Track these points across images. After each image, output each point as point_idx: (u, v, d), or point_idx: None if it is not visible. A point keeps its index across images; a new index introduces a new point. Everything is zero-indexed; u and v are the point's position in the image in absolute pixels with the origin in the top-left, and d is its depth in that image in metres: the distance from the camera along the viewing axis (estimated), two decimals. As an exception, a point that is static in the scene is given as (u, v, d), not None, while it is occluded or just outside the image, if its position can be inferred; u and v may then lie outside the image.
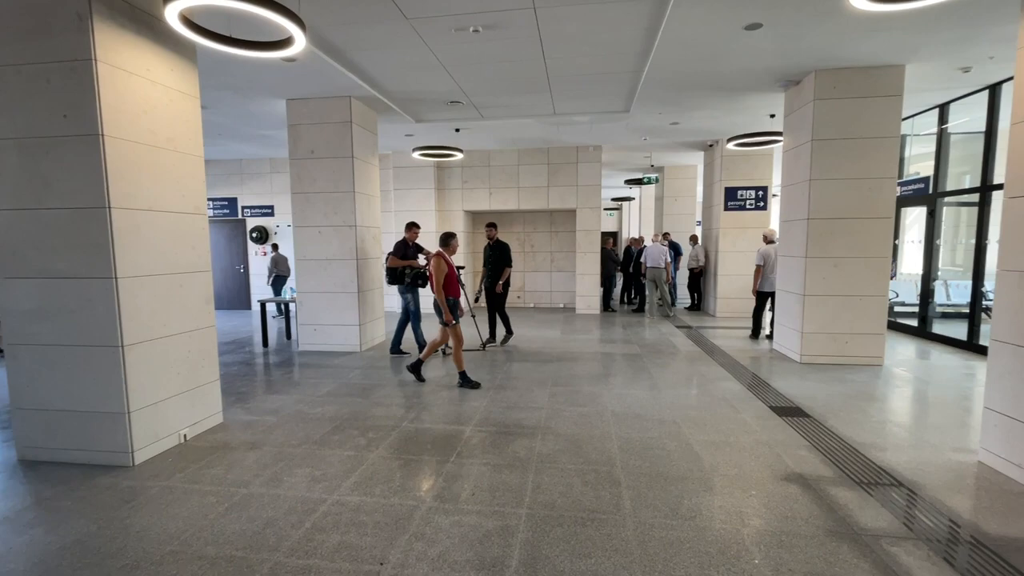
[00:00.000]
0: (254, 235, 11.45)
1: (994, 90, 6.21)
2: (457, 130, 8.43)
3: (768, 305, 7.54)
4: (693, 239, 11.06)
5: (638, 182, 13.24)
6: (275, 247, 11.03)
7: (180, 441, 3.77)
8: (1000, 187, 5.49)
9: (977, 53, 5.15)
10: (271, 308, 10.33)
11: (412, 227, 6.58)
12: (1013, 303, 3.17)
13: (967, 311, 6.91)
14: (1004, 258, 3.24)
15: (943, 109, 7.11)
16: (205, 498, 2.96)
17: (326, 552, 2.44)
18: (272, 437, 3.90)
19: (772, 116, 7.44)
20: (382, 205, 10.41)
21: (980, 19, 4.33)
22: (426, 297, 6.50)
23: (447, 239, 5.34)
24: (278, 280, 10.57)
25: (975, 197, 6.72)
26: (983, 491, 3.01)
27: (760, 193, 9.62)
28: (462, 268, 7.20)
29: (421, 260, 6.47)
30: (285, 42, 3.50)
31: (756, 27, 4.48)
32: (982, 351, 6.40)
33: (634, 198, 18.15)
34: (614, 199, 18.68)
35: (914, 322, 7.90)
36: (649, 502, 2.88)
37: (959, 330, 7.02)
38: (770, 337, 7.44)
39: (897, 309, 8.49)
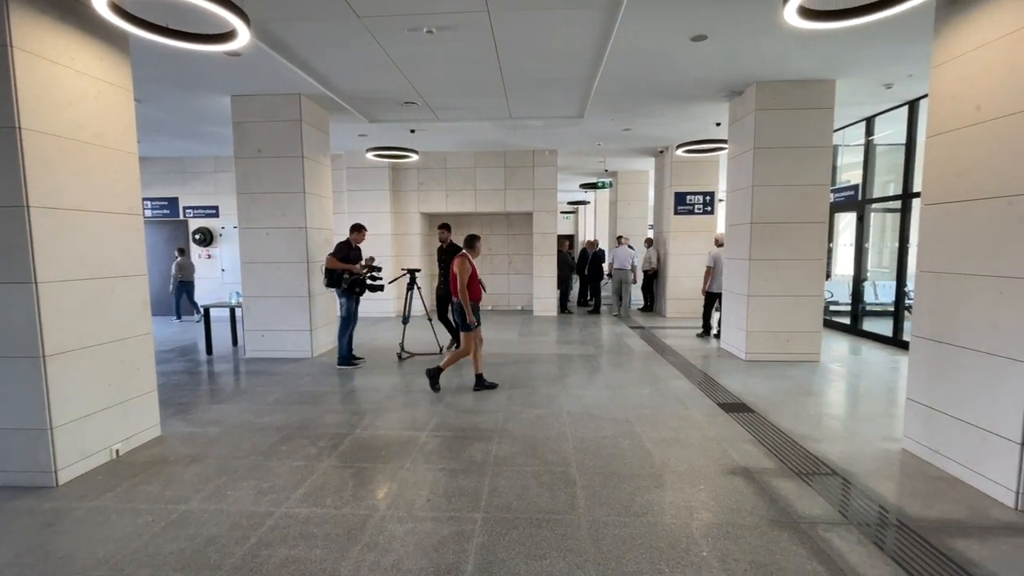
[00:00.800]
0: (197, 237, 10.88)
1: (913, 105, 6.74)
2: (412, 131, 8.33)
3: (716, 305, 7.88)
4: (648, 242, 11.38)
5: (593, 186, 13.53)
6: (180, 251, 10.38)
7: (112, 457, 3.52)
8: (919, 195, 5.96)
9: (898, 71, 5.58)
10: (198, 313, 10.04)
11: (358, 229, 6.33)
12: (930, 301, 3.44)
13: (892, 309, 7.45)
14: (922, 260, 3.51)
15: (870, 122, 7.66)
16: (139, 517, 2.78)
17: (272, 568, 2.34)
18: (215, 449, 3.71)
19: (718, 124, 7.76)
20: (335, 206, 10.11)
21: (900, 40, 4.70)
22: (369, 302, 6.36)
23: (472, 241, 5.13)
24: (183, 286, 10.18)
25: (898, 204, 7.26)
26: (906, 476, 3.25)
27: (708, 198, 10.02)
28: (418, 270, 7.03)
29: (399, 268, 6.29)
30: (228, 35, 3.36)
31: (702, 39, 4.67)
32: (906, 346, 6.92)
33: (589, 202, 18.52)
34: (570, 203, 18.98)
35: (847, 320, 8.44)
36: (603, 500, 2.93)
37: (886, 327, 7.56)
38: (717, 336, 7.75)
39: (832, 308, 9.04)
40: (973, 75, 3.09)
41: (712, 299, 7.94)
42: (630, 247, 10.79)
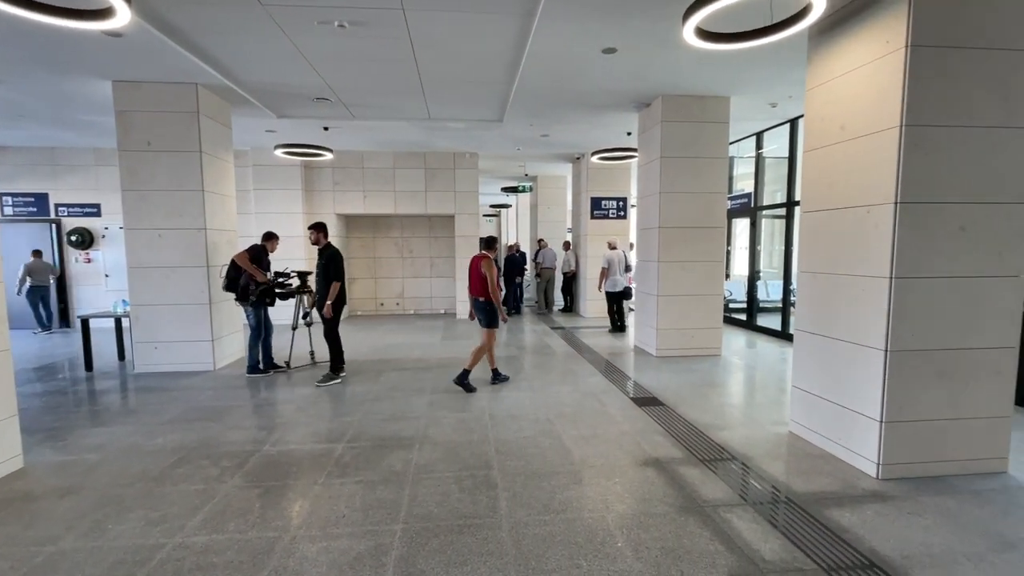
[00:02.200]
0: (74, 239, 9.61)
1: (794, 123, 7.55)
2: (326, 129, 7.96)
3: (617, 302, 8.66)
4: (566, 245, 11.73)
5: (514, 190, 13.72)
6: (36, 253, 9.13)
7: (-43, 497, 3.00)
8: (799, 203, 6.68)
9: (780, 92, 6.22)
10: (45, 327, 9.15)
11: (273, 237, 6.01)
12: (809, 298, 3.86)
13: (781, 306, 8.28)
14: (801, 261, 3.93)
15: (759, 136, 8.46)
16: (-6, 565, 2.39)
17: (164, 606, 2.11)
18: (94, 479, 3.29)
19: (629, 134, 8.20)
20: (240, 206, 9.42)
21: (781, 65, 5.24)
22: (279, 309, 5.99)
23: (492, 242, 5.34)
24: (34, 291, 8.92)
25: (783, 211, 8.08)
26: (792, 456, 3.61)
27: (621, 203, 10.54)
28: (308, 273, 6.40)
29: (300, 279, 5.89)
30: (105, 12, 3.00)
31: (612, 51, 4.90)
32: (792, 339, 7.70)
33: (511, 205, 18.74)
34: (492, 206, 19.10)
35: (744, 316, 9.25)
36: (524, 501, 2.96)
37: (776, 322, 8.38)
38: (623, 329, 8.49)
39: (731, 306, 9.87)
40: (838, 99, 3.51)
41: (612, 298, 8.59)
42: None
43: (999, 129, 3.06)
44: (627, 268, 8.64)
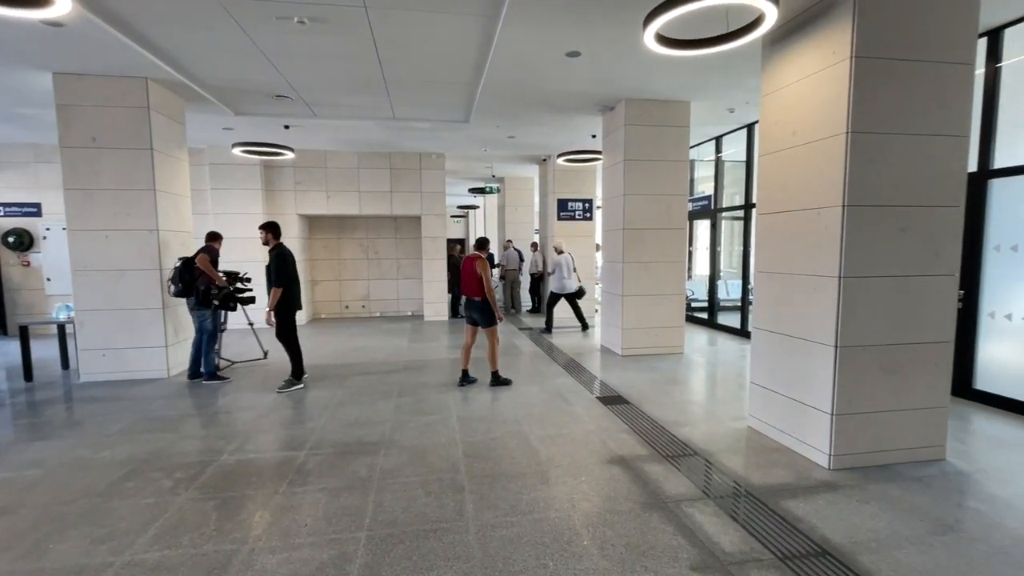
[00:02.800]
0: (11, 240, 9.01)
1: (750, 128, 7.83)
2: (287, 127, 7.74)
3: (572, 302, 8.85)
4: (534, 246, 11.80)
5: (481, 191, 13.70)
6: None
7: None
8: (756, 205, 6.93)
9: (737, 98, 6.44)
10: None
11: (218, 238, 5.85)
12: (765, 297, 4.00)
13: (740, 305, 8.57)
14: (758, 262, 4.08)
15: (719, 141, 8.73)
16: (-82, 593, 2.22)
17: (111, 628, 2.00)
18: (33, 496, 3.09)
19: (594, 136, 8.31)
20: (197, 206, 9.06)
21: (738, 72, 5.42)
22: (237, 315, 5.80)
23: (484, 243, 5.48)
24: None
25: (741, 213, 8.37)
26: (751, 450, 3.74)
27: (587, 205, 10.67)
28: (249, 278, 6.09)
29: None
30: (43, 0, 2.83)
31: (576, 55, 4.96)
32: (750, 336, 7.98)
33: (479, 206, 18.72)
34: (460, 207, 19.02)
35: (705, 315, 9.52)
36: (491, 503, 2.96)
37: (736, 320, 8.66)
38: (548, 331, 8.75)
39: (693, 305, 10.14)
40: (790, 105, 3.66)
41: (556, 299, 8.83)
42: (516, 250, 11.28)
43: (935, 137, 3.26)
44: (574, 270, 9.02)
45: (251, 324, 6.56)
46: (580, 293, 8.85)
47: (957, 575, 2.31)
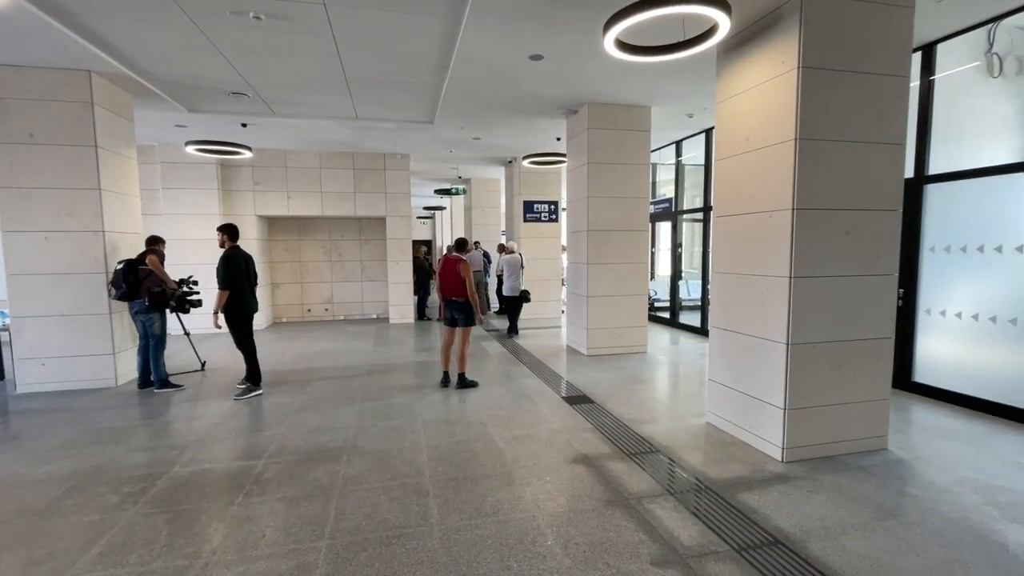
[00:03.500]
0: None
1: (708, 133, 8.08)
2: (244, 125, 7.50)
3: (514, 306, 8.69)
4: (500, 248, 11.80)
5: (447, 192, 13.62)
6: None
7: None
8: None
9: (696, 104, 6.64)
10: None
11: (160, 241, 5.56)
12: (721, 297, 4.14)
13: (700, 304, 8.82)
14: (715, 262, 4.22)
15: (679, 145, 8.98)
16: None
17: (49, 654, 1.89)
18: (-37, 517, 2.89)
19: (559, 139, 8.40)
20: (148, 206, 8.66)
21: (696, 78, 5.59)
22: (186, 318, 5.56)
23: (463, 244, 5.59)
24: None
25: (701, 215, 8.63)
26: (709, 445, 3.86)
27: (552, 207, 10.77)
28: (195, 281, 5.79)
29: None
30: (-30, -10, 2.65)
31: (539, 58, 5.00)
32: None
33: (446, 207, 18.60)
34: (426, 208, 18.85)
35: (667, 315, 9.76)
36: (456, 506, 2.95)
37: (696, 319, 8.91)
38: (512, 334, 8.57)
39: (656, 305, 10.37)
40: (744, 112, 3.81)
41: (507, 302, 8.68)
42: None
43: (875, 144, 3.45)
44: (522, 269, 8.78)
45: (187, 333, 6.25)
46: (524, 297, 8.61)
47: (897, 557, 2.45)
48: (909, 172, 4.88)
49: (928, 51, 4.81)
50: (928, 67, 4.82)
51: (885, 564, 2.41)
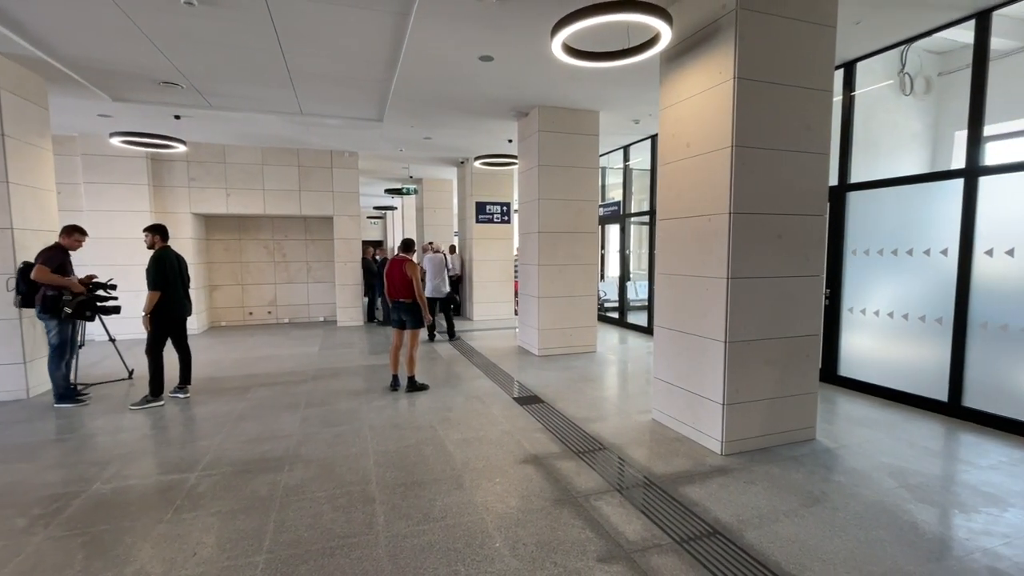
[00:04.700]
0: None
1: (654, 139, 8.35)
2: (177, 117, 7.06)
3: (442, 309, 8.39)
4: (452, 249, 11.71)
5: (398, 192, 13.37)
6: None
7: None
8: (661, 211, 7.42)
9: (641, 110, 6.84)
10: None
11: (74, 231, 4.95)
12: (665, 297, 4.28)
13: (647, 304, 9.10)
14: (659, 264, 4.36)
15: (626, 150, 9.23)
16: None
17: None
18: None
19: (510, 141, 8.43)
20: (68, 202, 8.02)
21: (640, 85, 5.77)
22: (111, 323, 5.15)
23: (410, 245, 5.50)
24: None
25: (647, 218, 8.90)
26: (654, 442, 3.97)
27: (504, 208, 10.80)
28: (114, 285, 5.28)
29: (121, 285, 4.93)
30: None
31: (489, 60, 5.00)
32: (657, 334, 8.52)
33: (397, 208, 18.26)
34: (376, 208, 18.45)
35: (616, 315, 10.01)
36: (403, 513, 2.89)
37: (644, 319, 9.19)
38: (433, 339, 8.26)
39: (606, 305, 10.62)
40: (685, 119, 3.96)
41: (433, 304, 8.18)
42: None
43: (802, 153, 3.68)
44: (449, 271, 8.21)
45: (113, 340, 5.79)
46: (451, 299, 8.32)
47: (822, 540, 2.62)
48: (833, 180, 5.25)
49: (849, 68, 5.18)
50: (849, 83, 5.19)
51: (812, 547, 2.56)
